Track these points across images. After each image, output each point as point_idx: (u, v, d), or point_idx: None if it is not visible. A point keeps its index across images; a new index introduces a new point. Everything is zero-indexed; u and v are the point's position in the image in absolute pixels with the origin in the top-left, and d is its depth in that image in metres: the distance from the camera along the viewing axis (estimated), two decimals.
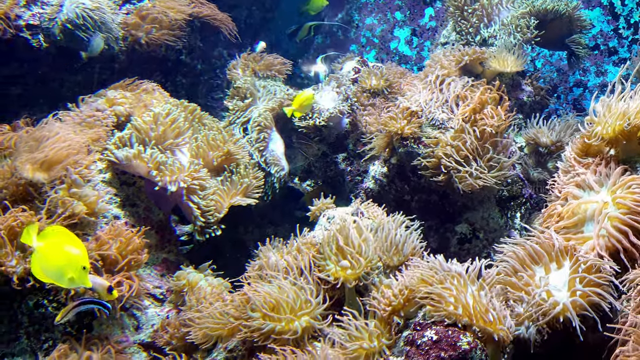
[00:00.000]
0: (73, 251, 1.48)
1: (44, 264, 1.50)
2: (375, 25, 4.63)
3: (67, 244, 1.50)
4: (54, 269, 1.49)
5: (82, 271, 1.49)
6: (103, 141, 2.36)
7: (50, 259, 1.49)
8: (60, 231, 1.51)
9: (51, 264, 1.49)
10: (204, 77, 3.86)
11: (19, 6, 2.99)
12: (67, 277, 1.50)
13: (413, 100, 2.57)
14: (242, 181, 2.47)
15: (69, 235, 1.50)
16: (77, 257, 1.48)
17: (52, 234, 1.51)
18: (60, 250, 1.48)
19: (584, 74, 4.29)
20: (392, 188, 2.76)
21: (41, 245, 1.49)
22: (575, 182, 1.94)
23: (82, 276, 1.49)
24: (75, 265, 1.49)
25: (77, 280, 1.52)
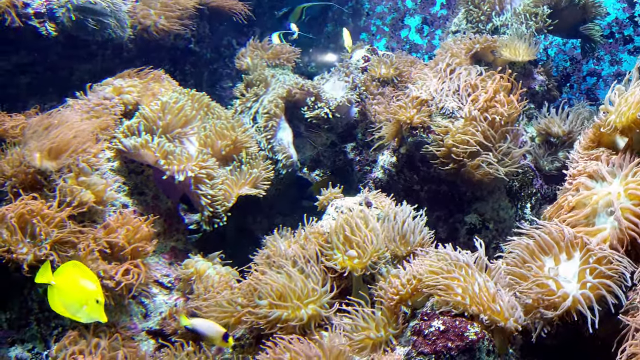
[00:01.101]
0: (88, 286, 1.52)
1: (62, 298, 1.54)
2: (386, 13, 4.58)
3: (82, 278, 1.54)
4: (71, 303, 1.54)
5: (97, 305, 1.53)
6: (111, 129, 2.36)
7: (67, 294, 1.53)
8: (75, 266, 1.54)
9: (68, 299, 1.54)
10: (213, 65, 3.85)
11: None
12: (84, 311, 1.54)
13: (423, 89, 2.54)
14: (251, 172, 2.47)
15: (84, 270, 1.54)
16: (92, 292, 1.52)
17: (68, 270, 1.55)
18: (75, 285, 1.53)
19: (597, 63, 4.21)
20: (401, 178, 2.74)
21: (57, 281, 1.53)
22: (587, 173, 1.91)
23: (97, 310, 1.53)
24: (91, 300, 1.52)
25: (92, 314, 1.56)
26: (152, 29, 3.17)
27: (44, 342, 1.95)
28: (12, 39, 2.98)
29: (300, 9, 3.87)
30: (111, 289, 1.86)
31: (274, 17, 4.04)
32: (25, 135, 1.99)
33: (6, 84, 3.11)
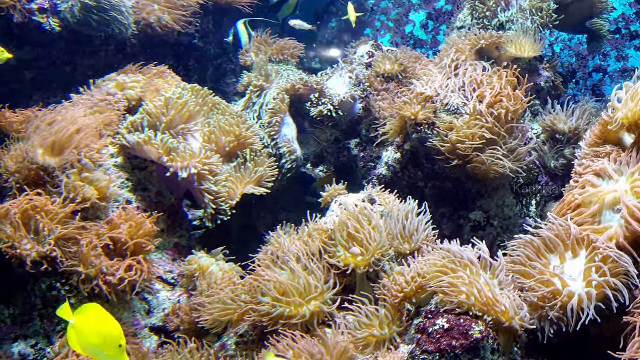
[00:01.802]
0: (110, 330, 1.53)
1: (81, 339, 1.55)
2: (390, 8, 4.55)
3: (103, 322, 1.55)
4: (91, 346, 1.54)
5: (119, 349, 1.54)
6: (115, 125, 2.35)
7: (87, 336, 1.54)
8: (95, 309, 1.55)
9: (89, 342, 1.54)
10: (217, 61, 3.84)
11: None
12: (104, 354, 1.55)
13: (428, 85, 2.52)
14: (256, 169, 2.46)
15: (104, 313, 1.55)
16: (114, 336, 1.52)
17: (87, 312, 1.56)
18: (96, 329, 1.53)
19: (603, 59, 4.18)
20: (405, 174, 2.73)
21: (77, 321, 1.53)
22: (593, 171, 1.89)
23: (119, 354, 1.54)
24: (113, 344, 1.53)
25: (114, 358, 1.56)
26: (155, 24, 3.16)
27: (47, 338, 1.95)
28: (16, 34, 2.98)
29: (294, 2, 3.80)
30: (114, 285, 1.86)
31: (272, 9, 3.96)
32: (29, 131, 1.99)
33: (10, 79, 3.11)
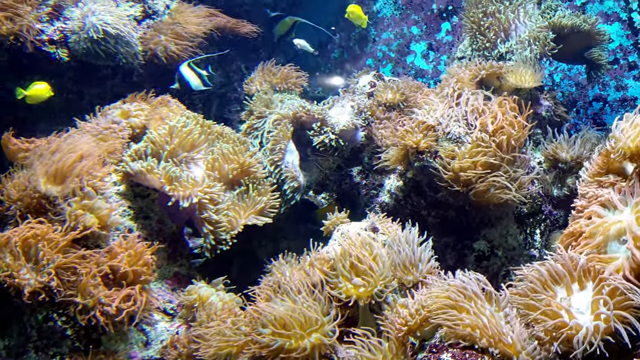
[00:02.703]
0: None
1: None
2: (392, 39, 4.63)
3: None
4: None
5: None
6: (119, 153, 2.37)
7: None
8: None
9: None
10: (222, 89, 3.89)
11: (42, 21, 3.06)
12: None
13: (430, 114, 2.54)
14: (258, 199, 2.45)
15: None
16: None
17: None
18: None
19: (603, 88, 4.21)
20: (408, 203, 2.72)
21: None
22: (598, 201, 1.88)
23: None
24: None
25: None
26: (162, 54, 3.22)
27: None
28: (25, 64, 3.03)
29: (291, 22, 3.84)
30: (111, 316, 1.84)
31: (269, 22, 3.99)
32: (32, 159, 2.00)
33: (17, 107, 3.15)
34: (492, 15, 3.13)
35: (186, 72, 2.93)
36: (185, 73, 2.93)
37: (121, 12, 3.18)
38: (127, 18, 3.19)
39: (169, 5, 3.43)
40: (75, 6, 3.08)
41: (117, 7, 3.19)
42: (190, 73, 2.92)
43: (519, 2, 3.18)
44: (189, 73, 2.93)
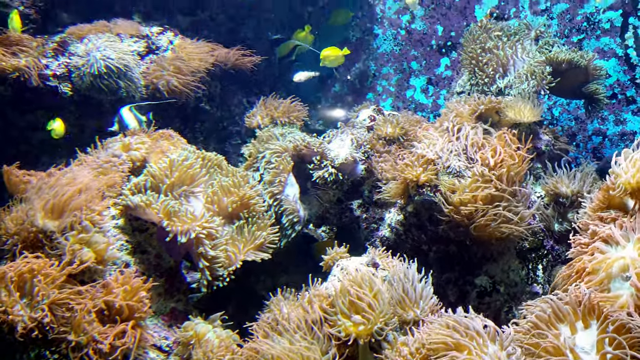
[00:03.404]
0: None
1: None
2: (392, 74, 4.70)
3: None
4: None
5: None
6: (118, 187, 2.36)
7: None
8: None
9: None
10: (223, 123, 3.92)
11: (48, 57, 3.12)
12: None
13: (429, 148, 2.55)
14: (257, 234, 2.43)
15: None
16: None
17: None
18: None
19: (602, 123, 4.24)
20: (408, 237, 2.70)
21: None
22: (600, 237, 1.86)
23: None
24: None
25: None
26: (164, 89, 3.26)
27: None
28: (28, 98, 3.07)
29: (292, 45, 3.89)
30: (105, 354, 1.79)
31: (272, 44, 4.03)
32: (30, 193, 1.99)
33: (19, 140, 3.18)
34: (491, 51, 3.18)
35: (127, 116, 2.88)
36: (126, 116, 2.88)
37: (125, 47, 3.24)
38: (131, 53, 3.25)
39: (172, 40, 3.49)
40: (80, 42, 3.14)
41: (121, 43, 3.26)
42: (130, 117, 2.88)
43: (517, 39, 3.24)
44: (129, 117, 2.88)
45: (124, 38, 3.31)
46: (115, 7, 3.71)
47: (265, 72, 4.25)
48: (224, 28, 4.07)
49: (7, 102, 3.03)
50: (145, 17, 3.73)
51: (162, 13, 3.86)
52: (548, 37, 3.31)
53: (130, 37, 3.33)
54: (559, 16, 4.21)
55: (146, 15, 3.77)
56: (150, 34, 3.45)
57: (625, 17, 4.06)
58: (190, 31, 3.85)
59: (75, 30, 3.20)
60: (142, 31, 3.42)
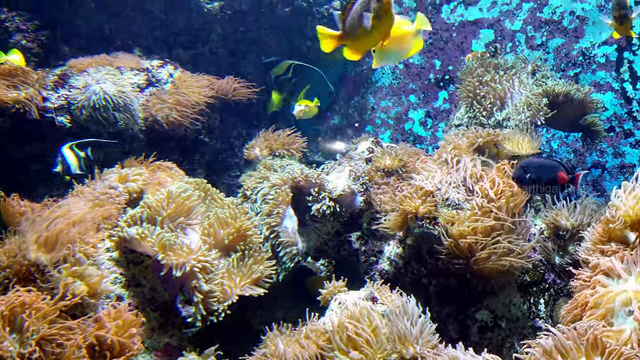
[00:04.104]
0: None
1: None
2: (390, 107, 4.74)
3: None
4: None
5: None
6: (114, 219, 2.34)
7: None
8: None
9: None
10: (222, 155, 3.93)
11: (48, 89, 3.15)
12: None
13: (428, 180, 2.54)
14: (254, 267, 2.40)
15: None
16: None
17: None
18: None
19: (601, 155, 4.25)
20: (408, 270, 2.66)
21: None
22: (602, 270, 1.83)
23: None
24: None
25: None
26: (163, 121, 3.28)
27: None
28: (27, 130, 3.09)
29: (287, 65, 3.93)
30: None
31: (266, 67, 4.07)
32: (24, 225, 1.97)
33: (17, 171, 3.17)
34: (488, 84, 3.21)
35: (68, 155, 2.78)
36: (67, 155, 2.78)
37: (125, 80, 3.28)
38: (130, 86, 3.28)
39: (172, 73, 3.54)
40: (80, 75, 3.18)
41: (121, 75, 3.30)
42: (71, 155, 2.78)
43: (514, 72, 3.27)
44: (70, 155, 2.78)
45: (124, 71, 3.35)
46: (116, 41, 3.78)
47: (265, 104, 4.29)
48: (224, 62, 4.13)
49: (5, 133, 3.04)
50: (146, 51, 3.79)
51: (163, 47, 3.92)
52: (545, 71, 3.35)
53: (130, 70, 3.38)
54: (554, 50, 4.28)
55: (147, 49, 3.83)
56: (151, 67, 3.49)
57: (620, 52, 4.13)
58: (191, 64, 3.91)
59: (76, 64, 3.24)
60: (142, 64, 3.46)
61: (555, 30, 4.26)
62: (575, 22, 4.22)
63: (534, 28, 4.32)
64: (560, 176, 2.12)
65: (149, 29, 3.84)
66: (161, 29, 3.88)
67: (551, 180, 2.12)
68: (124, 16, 3.73)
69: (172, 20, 3.88)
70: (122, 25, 3.75)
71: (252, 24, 4.11)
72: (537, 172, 2.14)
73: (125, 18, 3.73)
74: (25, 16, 3.48)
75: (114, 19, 3.71)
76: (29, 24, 3.48)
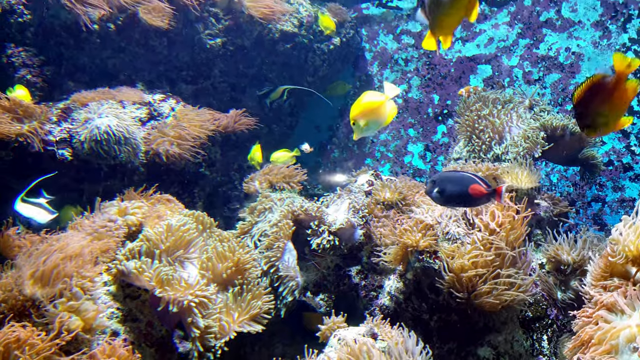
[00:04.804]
0: None
1: None
2: (390, 140, 4.78)
3: None
4: None
5: None
6: (112, 252, 2.33)
7: None
8: None
9: None
10: (222, 188, 3.94)
11: (51, 122, 3.18)
12: None
13: (428, 213, 2.54)
14: (252, 303, 2.37)
15: None
16: None
17: None
18: None
19: (600, 189, 4.26)
20: (409, 306, 2.63)
21: None
22: (604, 305, 1.81)
23: None
24: None
25: None
26: (164, 154, 3.30)
27: None
28: (29, 162, 3.10)
29: (281, 90, 3.98)
30: None
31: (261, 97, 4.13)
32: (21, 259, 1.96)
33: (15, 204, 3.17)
34: (486, 118, 3.25)
35: (24, 209, 2.50)
36: (24, 210, 2.49)
37: (127, 114, 3.32)
38: (132, 120, 3.32)
39: (174, 107, 3.58)
40: (83, 108, 3.22)
41: (123, 109, 3.34)
42: (29, 208, 2.50)
43: (511, 106, 3.32)
44: (28, 209, 2.50)
45: (126, 105, 3.39)
46: (120, 75, 3.84)
47: (265, 138, 4.32)
48: (226, 96, 4.19)
49: (7, 166, 3.06)
50: (148, 86, 3.85)
51: (165, 82, 3.98)
52: (542, 105, 3.39)
53: (132, 103, 3.42)
54: (551, 85, 4.34)
55: (150, 83, 3.89)
56: (153, 101, 3.54)
57: None
58: (193, 99, 3.96)
59: (79, 98, 3.29)
60: (144, 98, 3.51)
61: (552, 66, 4.34)
62: (571, 58, 4.30)
63: (531, 63, 4.40)
64: (473, 189, 2.04)
65: (152, 64, 3.91)
66: (164, 64, 3.95)
67: (462, 194, 2.05)
68: (128, 52, 3.80)
69: (175, 56, 3.95)
70: (126, 61, 3.83)
71: (254, 60, 4.19)
72: (444, 185, 2.08)
73: (129, 54, 3.81)
74: (32, 51, 3.55)
75: (118, 54, 3.79)
76: (35, 59, 3.55)
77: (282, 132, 4.53)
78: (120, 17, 3.64)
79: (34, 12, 3.51)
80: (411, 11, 4.70)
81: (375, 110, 2.04)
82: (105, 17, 3.59)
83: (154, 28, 3.63)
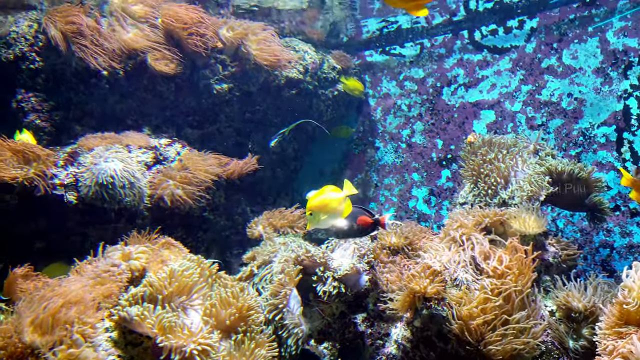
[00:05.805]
0: None
1: None
2: (394, 185, 4.78)
3: None
4: None
5: None
6: (115, 297, 2.29)
7: None
8: None
9: None
10: (226, 232, 3.92)
11: (58, 166, 3.21)
12: None
13: (436, 259, 2.50)
14: (256, 352, 2.30)
15: None
16: None
17: None
18: None
19: (608, 235, 4.21)
20: (416, 355, 2.55)
21: None
22: (621, 355, 1.75)
23: None
24: None
25: None
26: (168, 199, 3.30)
27: None
28: (34, 206, 3.11)
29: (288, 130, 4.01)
30: None
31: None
32: (21, 305, 1.92)
33: (21, 248, 3.15)
34: (492, 162, 3.25)
35: None
36: None
37: (133, 158, 3.34)
38: (138, 164, 3.34)
39: (179, 151, 3.61)
40: (89, 152, 3.25)
41: (129, 153, 3.37)
42: None
43: (517, 151, 3.33)
44: None
45: (132, 149, 3.43)
46: (127, 120, 3.90)
47: (269, 182, 4.34)
48: (231, 141, 4.23)
49: (13, 209, 3.06)
50: (155, 130, 3.90)
51: (171, 126, 4.04)
52: (547, 149, 3.40)
53: (138, 148, 3.45)
54: (555, 131, 4.38)
55: (156, 128, 3.94)
56: (159, 145, 3.58)
57: (619, 133, 4.22)
58: (199, 143, 4.00)
59: (86, 142, 3.33)
60: (150, 143, 3.55)
61: (555, 111, 4.39)
62: (574, 103, 4.36)
63: (534, 109, 4.45)
64: (360, 220, 2.35)
65: (159, 109, 3.98)
66: (171, 109, 4.02)
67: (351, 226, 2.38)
68: (136, 97, 3.87)
69: (182, 101, 4.02)
70: (133, 106, 3.89)
71: (259, 105, 4.25)
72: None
73: (136, 99, 3.88)
74: (41, 97, 3.62)
75: (126, 99, 3.86)
76: (44, 104, 3.62)
77: (286, 176, 4.55)
78: (130, 63, 3.73)
79: (46, 59, 3.61)
80: (414, 58, 4.81)
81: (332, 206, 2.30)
82: (114, 64, 3.68)
83: (161, 74, 3.72)
